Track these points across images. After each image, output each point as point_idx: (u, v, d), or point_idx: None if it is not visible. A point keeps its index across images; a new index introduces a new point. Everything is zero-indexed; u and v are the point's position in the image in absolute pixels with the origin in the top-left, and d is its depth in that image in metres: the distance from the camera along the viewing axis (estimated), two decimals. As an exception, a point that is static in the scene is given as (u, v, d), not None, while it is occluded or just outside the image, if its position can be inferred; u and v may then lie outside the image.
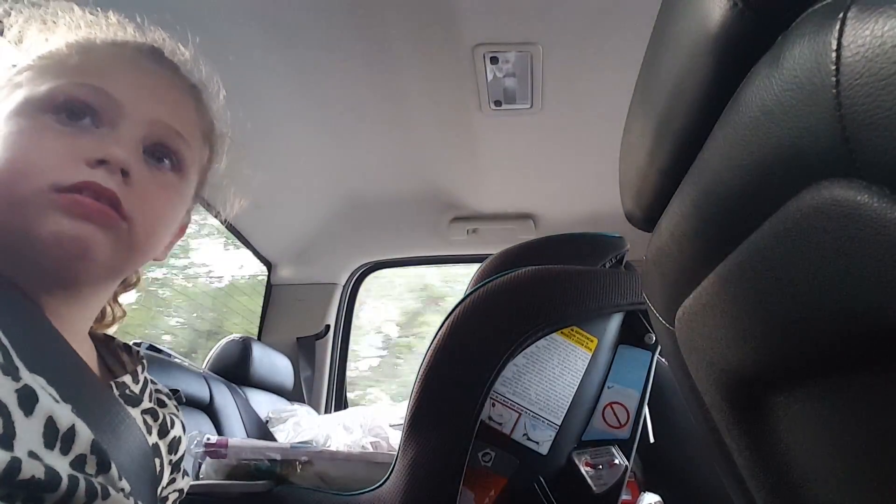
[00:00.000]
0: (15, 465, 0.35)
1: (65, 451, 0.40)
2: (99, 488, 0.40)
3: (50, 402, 0.39)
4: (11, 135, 0.42)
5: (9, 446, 0.35)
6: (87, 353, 0.51)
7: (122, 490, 0.44)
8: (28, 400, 0.37)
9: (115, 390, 0.51)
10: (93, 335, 0.54)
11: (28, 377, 0.38)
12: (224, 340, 1.67)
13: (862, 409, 0.27)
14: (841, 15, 0.21)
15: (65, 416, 0.39)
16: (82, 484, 0.39)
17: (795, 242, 0.25)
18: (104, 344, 0.56)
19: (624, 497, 0.86)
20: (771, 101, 0.25)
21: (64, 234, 0.42)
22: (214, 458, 0.84)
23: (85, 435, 0.41)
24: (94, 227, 0.43)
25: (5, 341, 0.38)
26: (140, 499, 0.46)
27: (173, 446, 0.56)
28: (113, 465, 0.43)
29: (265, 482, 0.82)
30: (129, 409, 0.50)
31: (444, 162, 1.49)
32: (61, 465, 0.39)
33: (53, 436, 0.39)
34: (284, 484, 0.84)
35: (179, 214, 0.54)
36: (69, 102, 0.44)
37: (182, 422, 0.60)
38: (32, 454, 0.37)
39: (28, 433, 0.37)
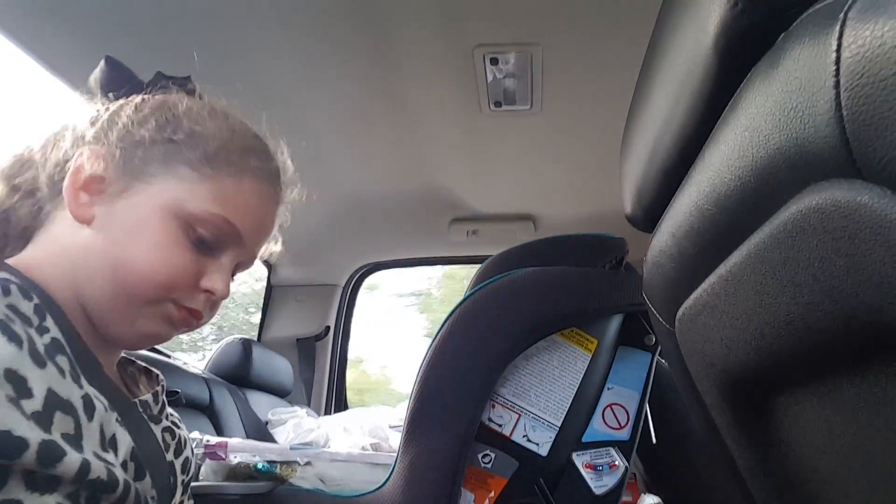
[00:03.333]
0: (86, 465, 0.39)
1: (115, 456, 0.43)
2: (142, 496, 0.44)
3: (102, 410, 0.43)
4: (162, 242, 0.48)
5: (79, 447, 0.39)
6: (114, 377, 0.54)
7: (154, 498, 0.47)
8: (89, 405, 0.42)
9: (139, 408, 0.53)
10: None
11: (86, 386, 0.42)
12: (224, 342, 1.67)
13: (862, 409, 0.27)
14: (841, 15, 0.21)
15: (110, 423, 0.44)
16: (133, 488, 0.43)
17: (795, 243, 0.25)
18: (124, 367, 0.58)
19: (624, 498, 0.85)
20: (771, 101, 0.25)
21: (157, 334, 0.50)
22: (214, 459, 0.84)
23: (126, 443, 0.45)
24: (174, 330, 0.51)
25: (70, 351, 0.42)
26: None
27: (185, 467, 0.59)
28: (147, 474, 0.47)
29: (265, 483, 0.82)
30: (152, 425, 0.54)
31: (444, 163, 1.49)
32: (117, 468, 0.42)
33: (104, 441, 0.43)
34: (284, 485, 0.84)
35: None
36: (210, 237, 0.50)
37: (192, 446, 0.63)
38: (97, 455, 0.41)
39: (91, 436, 0.41)
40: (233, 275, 0.56)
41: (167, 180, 0.49)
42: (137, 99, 0.52)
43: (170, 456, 0.55)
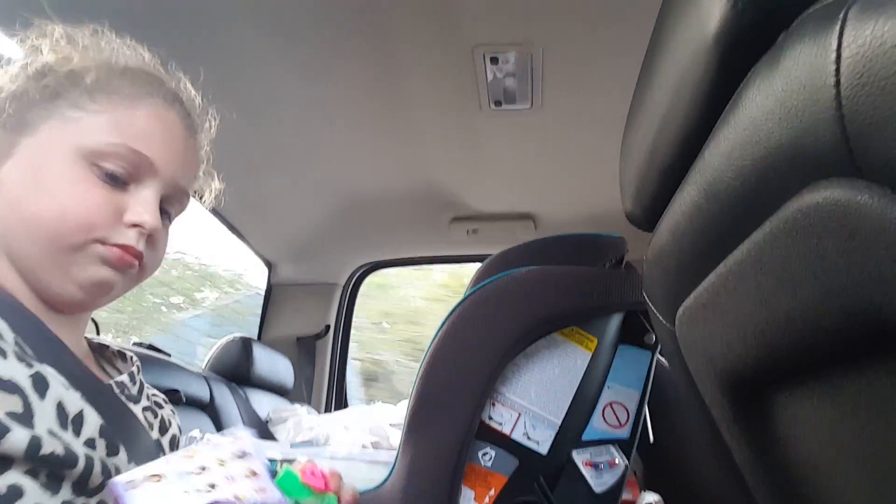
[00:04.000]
0: (35, 441, 0.38)
1: (76, 433, 0.43)
2: (112, 468, 0.44)
3: (60, 389, 0.42)
4: (65, 184, 0.47)
5: (29, 425, 0.39)
6: (86, 360, 0.54)
7: None
8: (41, 384, 0.41)
9: (115, 389, 0.53)
10: (88, 343, 0.57)
11: (38, 366, 0.42)
12: (224, 340, 1.67)
13: (862, 407, 0.27)
14: (841, 15, 0.21)
15: (73, 401, 0.43)
16: (97, 464, 0.43)
17: (796, 242, 0.25)
18: (99, 352, 0.59)
19: (624, 496, 0.86)
20: (771, 100, 0.25)
21: (98, 280, 0.48)
22: (215, 457, 0.84)
23: (93, 420, 0.45)
24: (119, 273, 0.50)
25: (11, 334, 0.42)
26: None
27: (173, 444, 0.59)
28: (122, 449, 0.47)
29: (266, 482, 0.82)
30: (131, 405, 0.54)
31: (444, 162, 1.49)
32: (76, 445, 0.42)
33: (65, 419, 0.42)
34: (285, 483, 0.84)
35: None
36: (118, 169, 0.49)
37: (178, 423, 0.62)
38: (51, 433, 0.40)
39: (44, 414, 0.40)
40: (170, 216, 0.56)
41: (53, 125, 0.48)
42: (5, 65, 0.51)
43: (155, 434, 0.56)
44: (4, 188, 0.47)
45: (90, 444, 0.44)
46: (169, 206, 0.55)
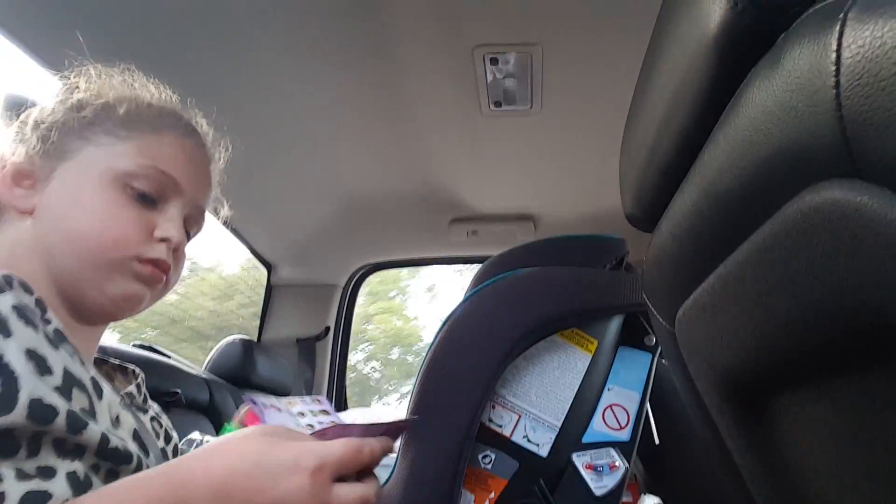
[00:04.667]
0: (105, 436, 0.42)
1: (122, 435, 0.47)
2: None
3: (109, 392, 0.47)
4: (103, 203, 0.52)
5: (95, 422, 0.42)
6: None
7: None
8: (97, 387, 0.46)
9: (126, 399, 0.56)
10: None
11: (92, 370, 0.46)
12: (224, 342, 1.67)
13: (863, 409, 0.27)
14: (841, 15, 0.21)
15: (116, 405, 0.48)
16: (144, 462, 0.46)
17: (796, 242, 0.25)
18: (98, 367, 0.60)
19: (624, 499, 0.85)
20: (771, 101, 0.25)
21: (131, 294, 0.53)
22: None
23: (129, 424, 0.49)
24: (148, 288, 0.54)
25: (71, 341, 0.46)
26: None
27: (176, 454, 0.61)
28: (151, 453, 0.51)
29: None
30: (140, 415, 0.56)
31: (444, 163, 1.49)
32: (129, 443, 0.46)
33: (115, 420, 0.47)
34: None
35: None
36: (148, 189, 0.53)
37: (175, 434, 0.65)
38: (110, 430, 0.44)
39: (102, 413, 0.45)
40: (189, 236, 0.60)
41: (89, 151, 0.53)
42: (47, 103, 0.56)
43: (160, 443, 0.58)
44: (49, 210, 0.51)
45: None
46: (189, 227, 0.60)
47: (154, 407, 0.62)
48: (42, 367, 0.39)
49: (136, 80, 0.60)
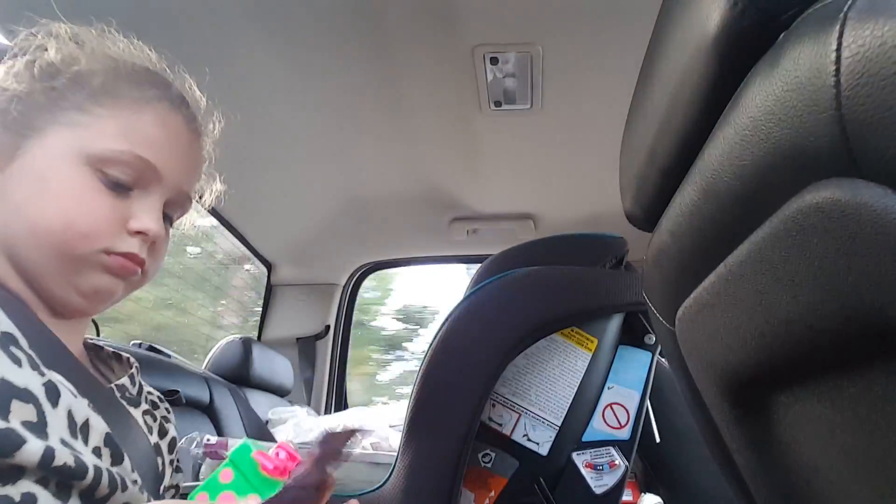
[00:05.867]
0: (49, 452, 0.37)
1: (85, 442, 0.42)
2: (119, 480, 0.43)
3: (69, 397, 0.41)
4: (71, 190, 0.46)
5: (43, 434, 0.38)
6: (85, 361, 0.54)
7: (136, 482, 0.46)
8: (53, 392, 0.40)
9: (115, 393, 0.53)
10: (84, 344, 0.57)
11: (49, 373, 0.41)
12: (224, 341, 1.67)
13: (862, 408, 0.27)
14: (841, 15, 0.21)
15: (81, 409, 0.42)
16: (105, 475, 0.41)
17: (796, 242, 0.25)
18: (95, 353, 0.58)
19: (624, 498, 0.86)
20: (771, 101, 0.25)
21: (102, 288, 0.48)
22: (214, 458, 0.84)
23: (100, 428, 0.44)
24: (121, 280, 0.50)
25: (24, 341, 0.40)
26: (148, 493, 0.49)
27: (172, 446, 0.59)
28: (126, 458, 0.45)
29: (265, 483, 0.82)
30: (131, 409, 0.53)
31: (444, 162, 1.49)
32: (87, 455, 0.41)
33: (74, 427, 0.41)
34: (284, 484, 0.84)
35: None
36: (123, 176, 0.48)
37: (174, 423, 0.62)
38: (64, 442, 0.39)
39: (56, 423, 0.39)
40: (171, 220, 0.56)
41: (59, 129, 0.47)
42: (9, 62, 0.49)
43: (154, 438, 0.55)
44: (8, 191, 0.46)
45: (97, 452, 0.43)
46: (171, 211, 0.55)
47: (149, 398, 0.59)
48: None
49: (114, 42, 0.53)
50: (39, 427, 0.38)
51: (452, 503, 0.76)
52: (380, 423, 1.21)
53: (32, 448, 0.36)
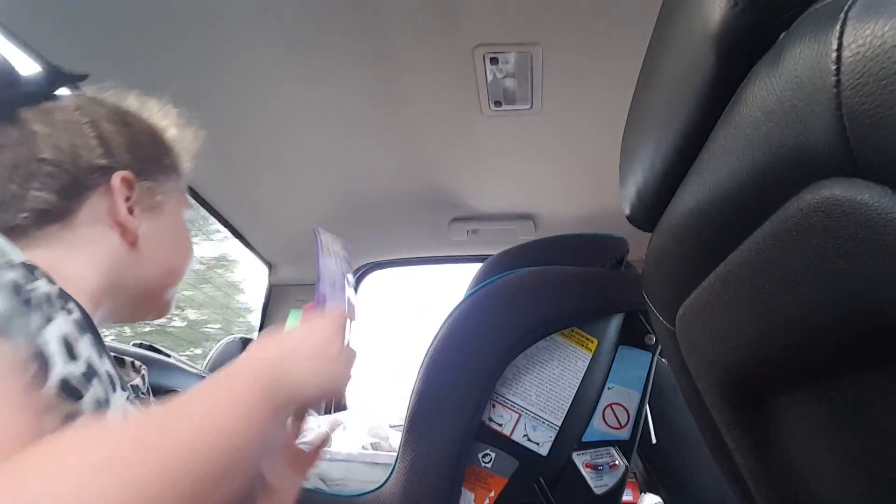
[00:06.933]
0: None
1: None
2: None
3: (120, 387, 0.48)
4: (184, 238, 0.61)
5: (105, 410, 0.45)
6: None
7: None
8: (113, 380, 0.47)
9: (132, 392, 0.55)
10: None
11: (107, 363, 0.48)
12: (224, 341, 1.67)
13: (862, 409, 0.27)
14: (841, 15, 0.21)
15: (124, 401, 0.49)
16: None
17: (796, 242, 0.25)
18: None
19: (624, 498, 0.86)
20: (772, 100, 0.25)
21: (175, 298, 0.63)
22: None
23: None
24: None
25: (91, 331, 0.47)
26: None
27: None
28: None
29: (265, 483, 0.82)
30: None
31: (444, 162, 1.49)
32: None
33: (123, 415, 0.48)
34: (284, 485, 0.83)
35: None
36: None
37: None
38: None
39: (116, 406, 0.46)
40: None
41: (172, 190, 0.59)
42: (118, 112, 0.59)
43: None
44: (151, 242, 0.57)
45: None
46: None
47: (154, 402, 0.62)
48: (71, 353, 0.42)
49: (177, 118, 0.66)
50: (106, 406, 0.45)
51: (452, 503, 0.76)
52: (380, 422, 1.21)
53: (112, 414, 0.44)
